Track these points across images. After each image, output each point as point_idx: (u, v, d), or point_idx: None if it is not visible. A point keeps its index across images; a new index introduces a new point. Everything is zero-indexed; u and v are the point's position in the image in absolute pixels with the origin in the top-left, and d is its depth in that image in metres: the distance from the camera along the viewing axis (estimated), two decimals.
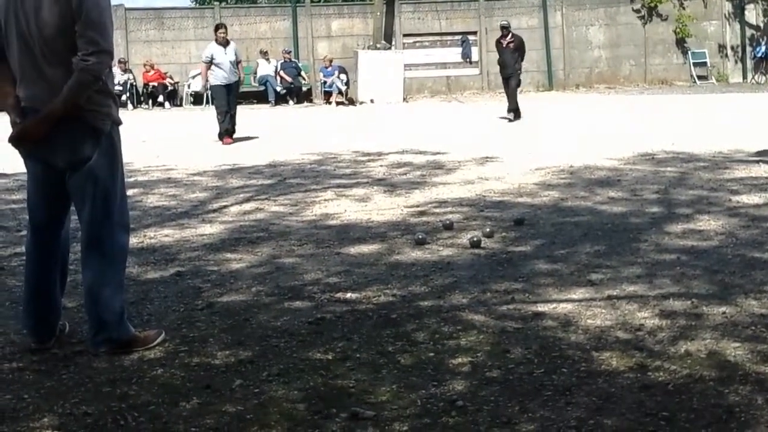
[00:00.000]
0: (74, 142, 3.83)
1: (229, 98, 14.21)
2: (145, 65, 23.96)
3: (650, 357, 3.76)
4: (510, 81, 16.89)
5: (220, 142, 13.98)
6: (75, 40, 3.74)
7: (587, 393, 3.39)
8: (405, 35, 25.70)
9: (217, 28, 14.76)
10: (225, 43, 14.27)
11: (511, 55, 16.81)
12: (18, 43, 3.84)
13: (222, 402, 3.40)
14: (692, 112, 17.55)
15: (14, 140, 3.91)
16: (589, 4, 27.26)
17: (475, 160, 10.81)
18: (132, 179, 9.37)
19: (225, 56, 14.15)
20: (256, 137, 14.69)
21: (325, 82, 24.11)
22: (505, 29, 17.11)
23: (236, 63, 14.33)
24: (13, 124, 3.93)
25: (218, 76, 14.17)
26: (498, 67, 17.61)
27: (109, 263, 3.94)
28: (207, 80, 14.51)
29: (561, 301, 4.66)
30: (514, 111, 16.73)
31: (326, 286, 5.11)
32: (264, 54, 24.11)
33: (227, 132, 14.09)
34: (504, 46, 16.95)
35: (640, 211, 7.17)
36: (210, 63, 14.21)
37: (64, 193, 3.97)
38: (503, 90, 17.69)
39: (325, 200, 8.20)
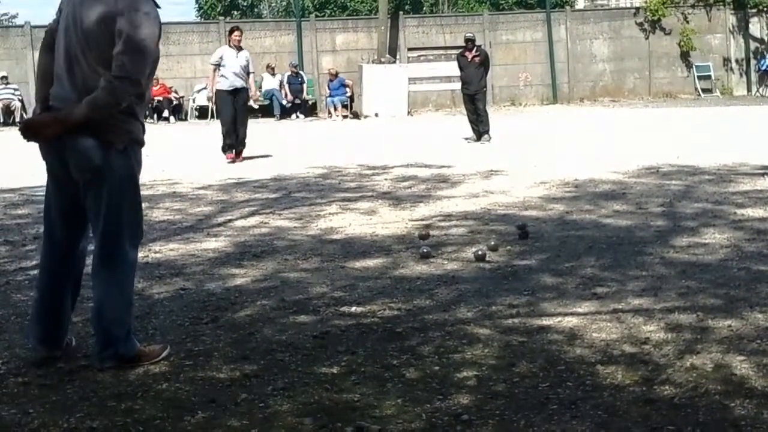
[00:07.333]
0: (85, 147, 3.84)
1: (234, 107, 13.38)
2: None
3: (656, 370, 3.75)
4: (476, 101, 15.56)
5: (224, 156, 13.40)
6: (111, 58, 3.78)
7: (593, 407, 3.38)
8: (409, 49, 25.78)
9: (231, 30, 13.98)
10: (238, 48, 13.57)
11: (475, 71, 15.61)
12: (63, 43, 3.93)
13: (227, 416, 3.39)
14: (697, 126, 17.55)
15: (23, 129, 3.98)
16: (593, 18, 27.39)
17: (480, 174, 10.82)
18: None
19: (236, 60, 13.40)
20: (265, 155, 14.64)
21: (330, 95, 24.17)
22: (470, 42, 15.82)
23: (247, 73, 13.58)
24: (34, 114, 4.05)
25: (223, 82, 13.44)
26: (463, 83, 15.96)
27: (118, 279, 3.95)
28: (213, 87, 13.68)
29: (566, 314, 4.65)
30: (487, 131, 15.39)
31: (331, 299, 5.11)
32: (270, 69, 24.17)
33: (230, 147, 13.34)
34: (469, 60, 15.72)
35: (645, 225, 7.17)
36: (217, 66, 13.52)
37: (80, 209, 3.98)
38: (465, 106, 16.06)
39: (330, 214, 8.20)
